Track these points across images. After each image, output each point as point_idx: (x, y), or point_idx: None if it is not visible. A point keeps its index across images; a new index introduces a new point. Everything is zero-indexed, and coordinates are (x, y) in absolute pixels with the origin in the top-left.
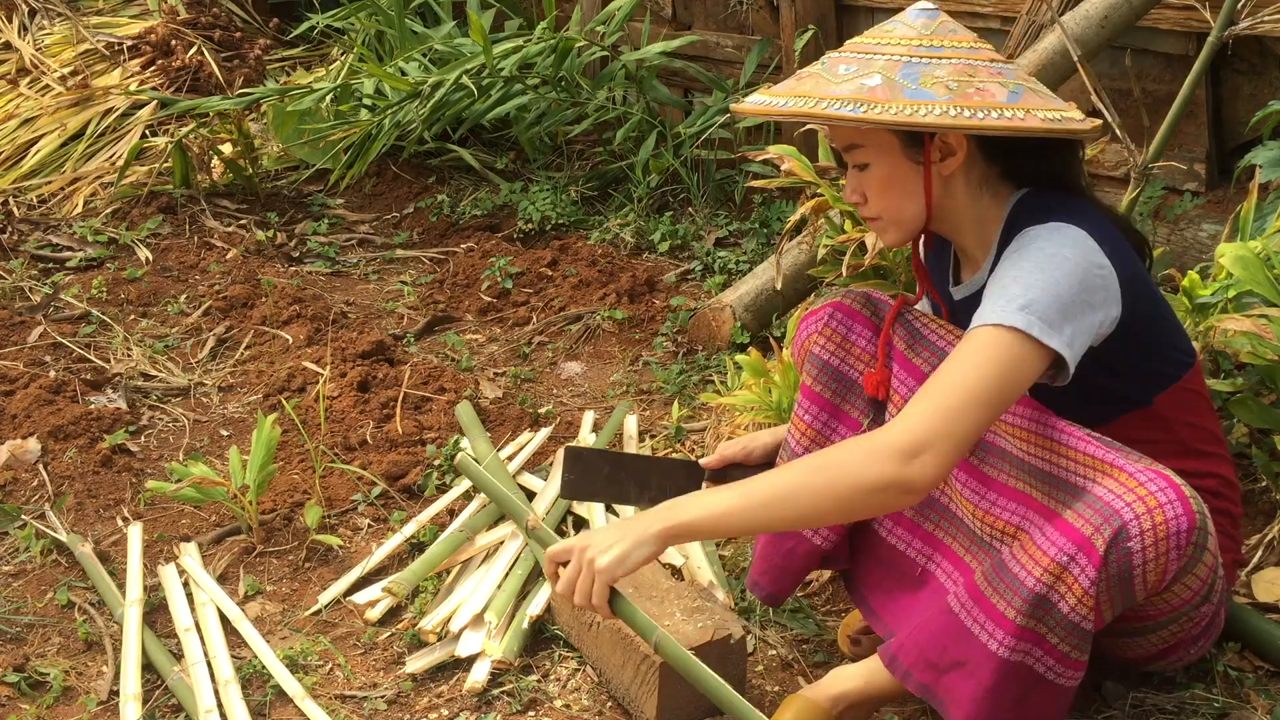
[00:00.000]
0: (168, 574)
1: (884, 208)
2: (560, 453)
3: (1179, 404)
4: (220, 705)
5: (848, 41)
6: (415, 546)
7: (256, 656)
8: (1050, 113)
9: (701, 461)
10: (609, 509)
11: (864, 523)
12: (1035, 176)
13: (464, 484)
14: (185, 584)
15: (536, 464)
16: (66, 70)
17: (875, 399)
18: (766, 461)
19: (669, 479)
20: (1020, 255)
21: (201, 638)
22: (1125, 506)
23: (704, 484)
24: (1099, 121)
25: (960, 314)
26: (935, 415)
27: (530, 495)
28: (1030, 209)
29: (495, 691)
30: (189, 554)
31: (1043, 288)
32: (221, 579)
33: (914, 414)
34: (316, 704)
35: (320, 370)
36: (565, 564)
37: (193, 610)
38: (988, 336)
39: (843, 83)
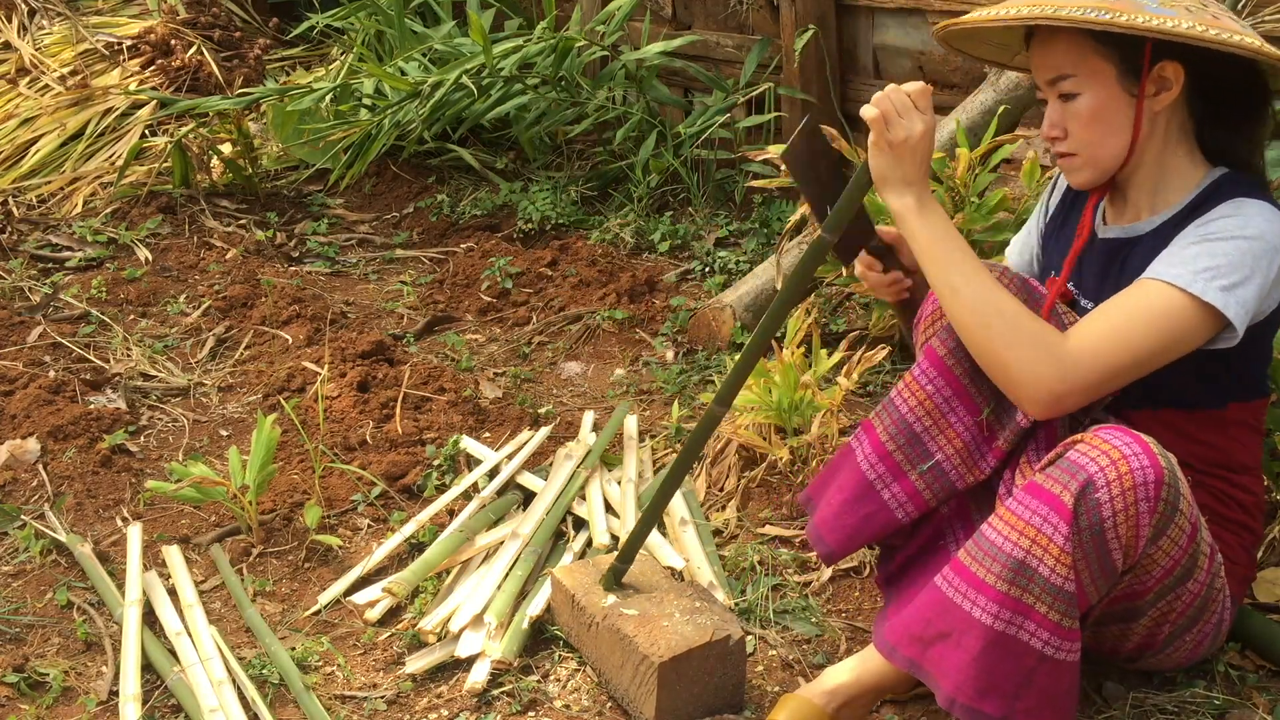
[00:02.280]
0: (151, 581)
1: (1087, 141)
2: (805, 120)
3: (1242, 423)
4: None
5: None
6: (415, 546)
7: (260, 656)
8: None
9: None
10: (608, 508)
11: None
12: (1226, 148)
13: (463, 484)
14: (171, 590)
15: (535, 464)
16: (66, 70)
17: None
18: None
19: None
20: (1234, 225)
21: (193, 641)
22: (1090, 461)
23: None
24: None
25: (1099, 252)
26: (1099, 368)
27: (530, 495)
28: (1239, 184)
29: (495, 692)
30: (174, 558)
31: (1252, 271)
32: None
33: (1084, 355)
34: (317, 703)
35: (320, 370)
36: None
37: (180, 615)
38: (1180, 304)
39: None
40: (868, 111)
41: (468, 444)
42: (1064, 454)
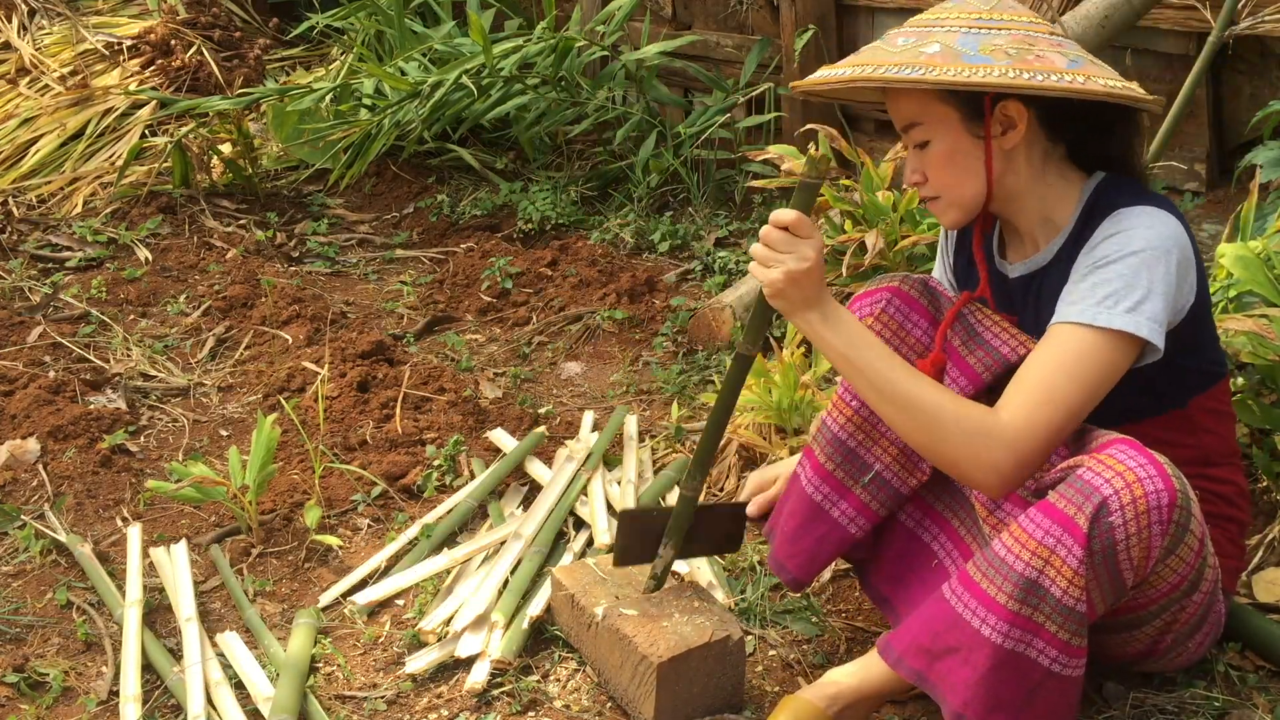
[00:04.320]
0: (161, 558)
1: (945, 185)
2: (616, 519)
3: (1208, 411)
4: (211, 704)
5: (908, 20)
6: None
7: (260, 656)
8: (1112, 81)
9: (747, 509)
10: (609, 508)
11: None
12: (1101, 159)
13: (466, 486)
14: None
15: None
16: (66, 70)
17: None
18: None
19: (718, 527)
20: (1120, 243)
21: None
22: (1105, 483)
23: (745, 525)
24: (1161, 98)
25: (1015, 292)
26: (1044, 435)
27: (537, 487)
28: (1115, 190)
29: (495, 692)
30: (178, 554)
31: (1150, 284)
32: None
33: (1024, 430)
34: (317, 704)
35: (320, 370)
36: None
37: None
38: (1093, 343)
39: (901, 52)
40: (756, 271)
41: (495, 435)
42: (1076, 471)
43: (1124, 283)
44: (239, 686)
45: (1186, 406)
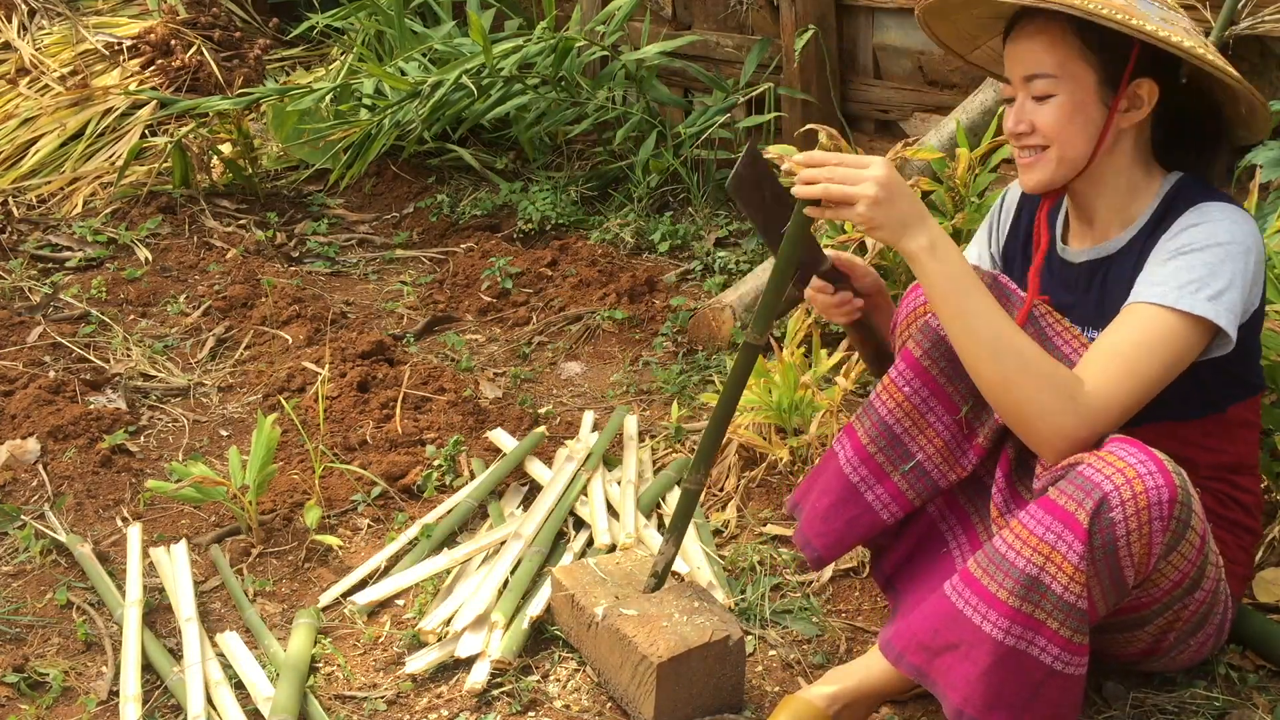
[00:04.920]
0: (161, 557)
1: (1058, 136)
2: (748, 147)
3: (1242, 421)
4: (211, 703)
5: None
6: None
7: (260, 656)
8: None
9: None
10: (609, 508)
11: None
12: (1185, 163)
13: (466, 486)
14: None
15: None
16: (66, 70)
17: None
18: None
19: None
20: (1204, 235)
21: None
22: (1105, 479)
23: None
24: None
25: (1075, 277)
26: (1120, 408)
27: (537, 487)
28: (1194, 189)
29: (495, 692)
30: (178, 554)
31: (1231, 276)
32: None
33: (1103, 399)
34: (317, 704)
35: (320, 370)
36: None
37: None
38: (1174, 325)
39: None
40: (835, 202)
41: (495, 435)
42: (1076, 468)
43: (1208, 271)
44: (239, 686)
45: (1225, 412)
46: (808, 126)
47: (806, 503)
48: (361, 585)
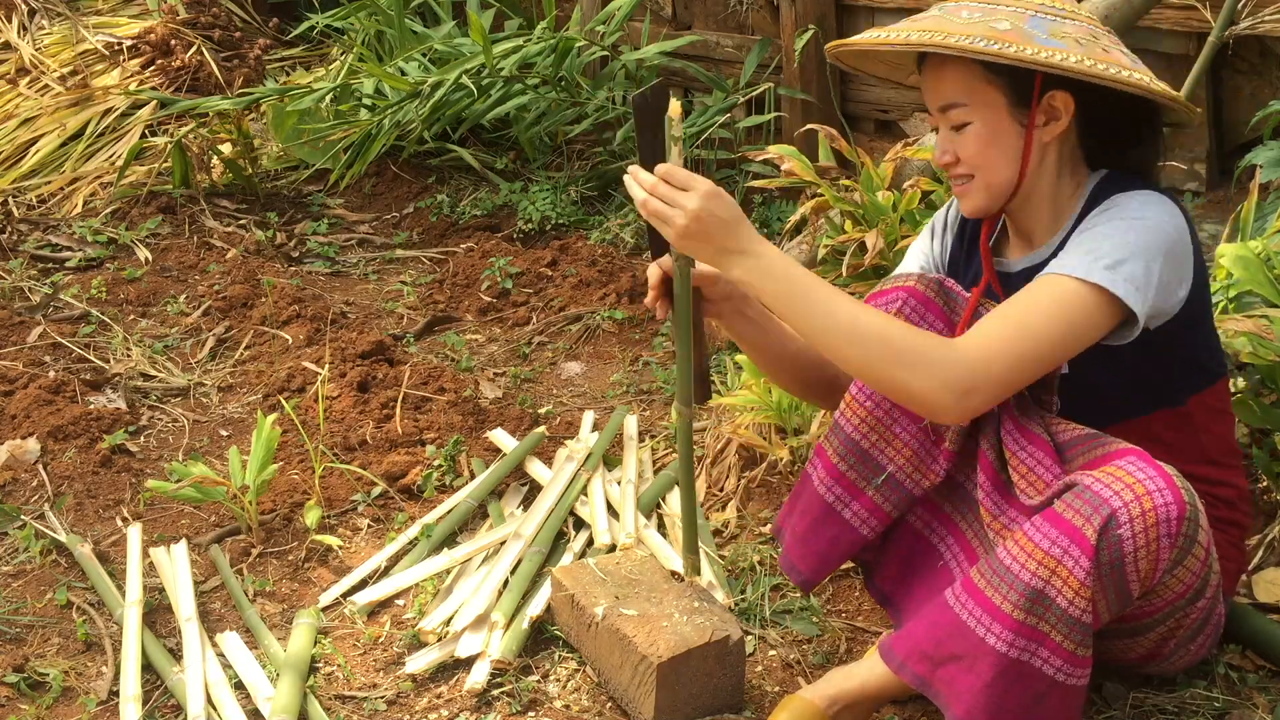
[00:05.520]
0: (161, 557)
1: (980, 165)
2: (656, 83)
3: (1207, 410)
4: (211, 703)
5: None
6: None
7: (260, 656)
8: (1169, 89)
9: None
10: (609, 508)
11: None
12: (1118, 163)
13: (466, 486)
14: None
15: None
16: (66, 70)
17: None
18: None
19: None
20: (1112, 214)
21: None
22: (1114, 495)
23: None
24: (1199, 109)
25: (1015, 287)
26: (1002, 359)
27: (537, 487)
28: (1114, 184)
29: (495, 692)
30: (178, 554)
31: (1134, 248)
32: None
33: (983, 349)
34: (317, 704)
35: (320, 370)
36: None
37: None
38: (1071, 289)
39: (970, 25)
40: (661, 228)
41: (495, 435)
42: (1084, 482)
43: (1109, 244)
44: (239, 686)
45: (1185, 404)
46: (807, 126)
47: (788, 526)
48: (361, 585)
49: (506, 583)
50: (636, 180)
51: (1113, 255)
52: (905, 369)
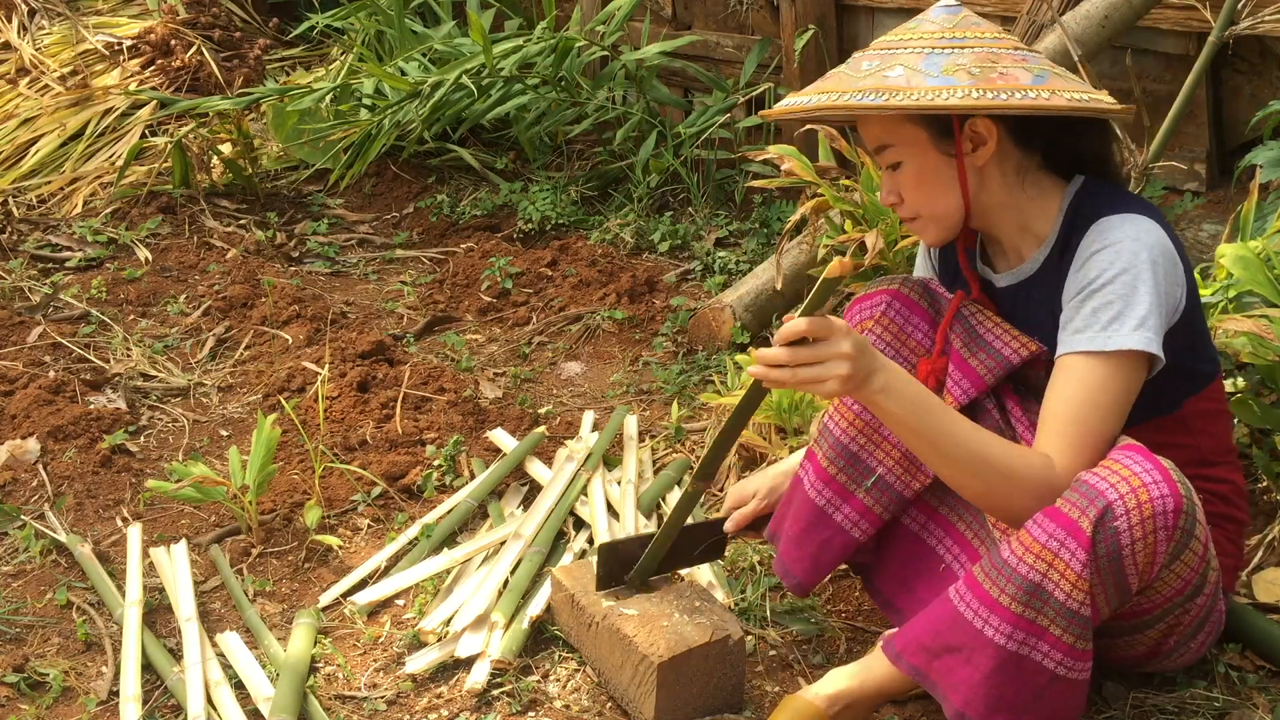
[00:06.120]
0: (161, 557)
1: (920, 204)
2: (596, 549)
3: (1203, 413)
4: (211, 703)
5: (874, 41)
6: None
7: (260, 656)
8: (1077, 94)
9: (725, 525)
10: (609, 508)
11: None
12: (1077, 163)
13: (466, 486)
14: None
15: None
16: (66, 70)
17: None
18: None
19: (696, 542)
20: (1106, 260)
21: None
22: (1110, 488)
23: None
24: (1131, 106)
25: (1003, 301)
26: (1081, 462)
27: (537, 487)
28: (1094, 197)
29: (495, 692)
30: (178, 554)
31: (1143, 294)
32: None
33: (1066, 463)
34: (317, 704)
35: (320, 370)
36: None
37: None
38: (1113, 367)
39: (865, 77)
40: (814, 389)
41: (495, 435)
42: (1081, 476)
43: (1124, 303)
44: (239, 686)
45: (1181, 408)
46: (807, 126)
47: (782, 531)
48: (361, 585)
49: (506, 583)
50: (768, 358)
51: (1134, 314)
52: (1018, 503)
